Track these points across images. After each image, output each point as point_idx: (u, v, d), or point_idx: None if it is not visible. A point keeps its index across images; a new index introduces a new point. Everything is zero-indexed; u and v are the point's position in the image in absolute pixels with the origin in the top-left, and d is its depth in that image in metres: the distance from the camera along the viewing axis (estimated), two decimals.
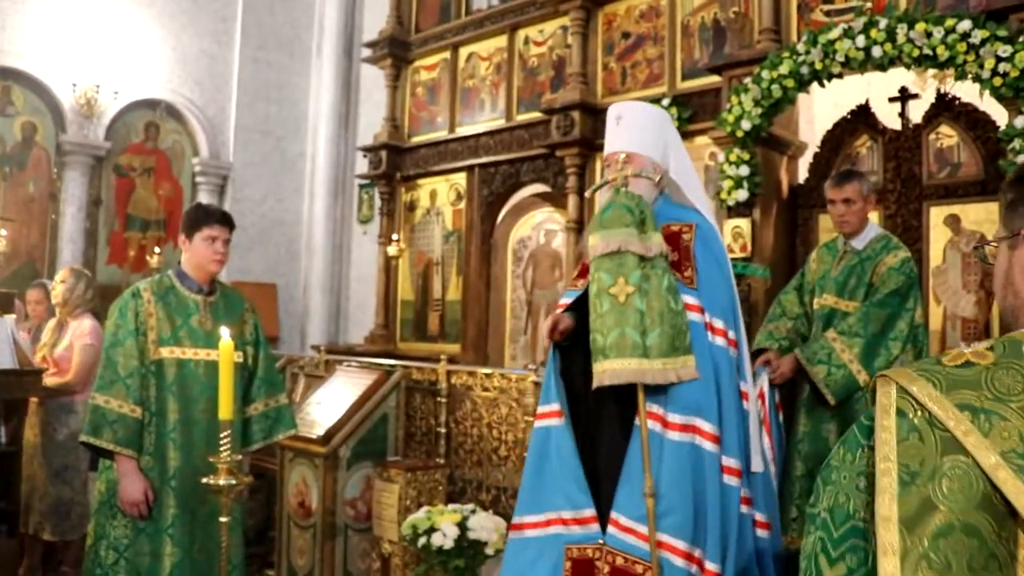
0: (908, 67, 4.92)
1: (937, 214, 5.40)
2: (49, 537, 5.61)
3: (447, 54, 8.61)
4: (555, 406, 3.13)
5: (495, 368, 6.42)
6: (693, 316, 2.91)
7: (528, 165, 7.76)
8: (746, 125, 5.48)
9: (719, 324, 2.97)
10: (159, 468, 3.61)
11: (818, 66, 5.17)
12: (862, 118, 5.65)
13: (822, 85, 5.32)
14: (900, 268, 3.99)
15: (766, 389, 3.80)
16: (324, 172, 10.48)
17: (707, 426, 2.84)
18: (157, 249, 9.48)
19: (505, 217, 8.44)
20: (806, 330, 4.33)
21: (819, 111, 6.06)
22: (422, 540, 4.25)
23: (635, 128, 3.19)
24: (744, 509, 2.94)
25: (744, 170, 5.52)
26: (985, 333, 5.22)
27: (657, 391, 2.83)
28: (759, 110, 5.43)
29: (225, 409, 3.06)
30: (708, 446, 2.83)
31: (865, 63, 5.03)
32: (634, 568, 2.82)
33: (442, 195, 8.53)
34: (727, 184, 5.59)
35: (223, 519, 3.13)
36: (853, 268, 4.12)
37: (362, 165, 9.74)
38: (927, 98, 5.50)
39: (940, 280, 5.39)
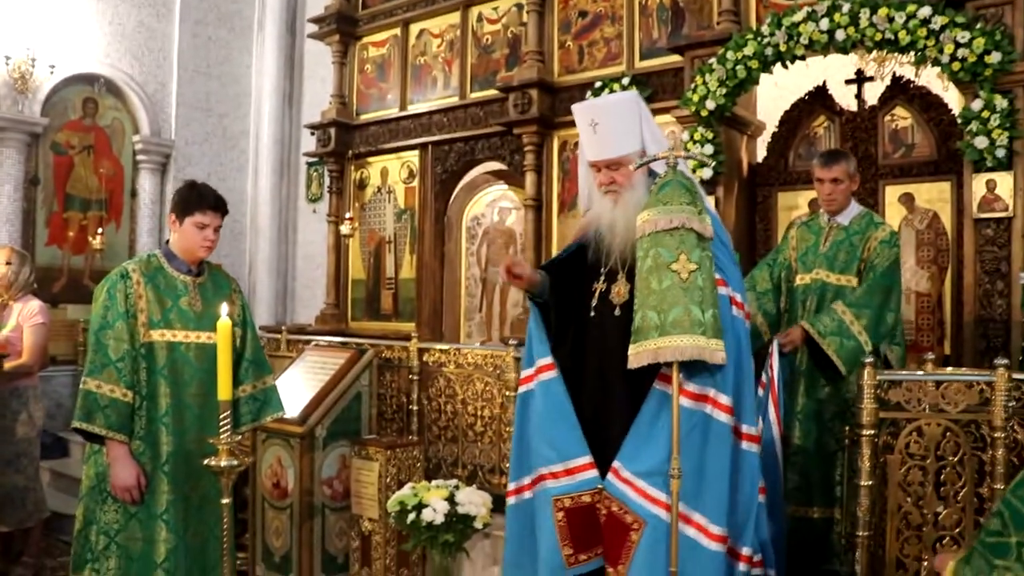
0: (870, 51, 5.08)
1: (892, 192, 5.60)
2: (6, 528, 5.51)
3: (397, 31, 8.54)
4: (545, 360, 3.25)
5: (467, 345, 6.47)
6: (720, 290, 2.97)
7: (483, 143, 7.77)
8: (711, 105, 5.59)
9: (739, 297, 3.07)
10: (151, 453, 3.58)
11: (782, 48, 5.30)
12: (819, 99, 5.82)
13: (785, 67, 5.45)
14: (890, 242, 4.23)
15: (776, 360, 3.97)
16: (268, 150, 10.32)
17: (723, 398, 2.91)
18: (100, 230, 9.23)
19: (458, 195, 8.45)
20: (771, 306, 4.50)
21: (761, 91, 6.18)
22: (411, 516, 4.29)
23: (614, 130, 3.15)
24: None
25: (708, 148, 5.63)
26: (938, 306, 5.44)
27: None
28: (723, 90, 5.54)
29: (224, 389, 3.05)
30: (722, 417, 2.90)
31: (828, 46, 5.17)
32: (624, 518, 2.94)
33: (394, 173, 8.50)
34: (691, 163, 5.68)
35: (225, 500, 3.13)
36: (841, 243, 4.31)
37: (308, 143, 9.62)
38: (879, 80, 5.69)
39: None
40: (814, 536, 4.20)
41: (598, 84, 6.65)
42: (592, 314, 3.23)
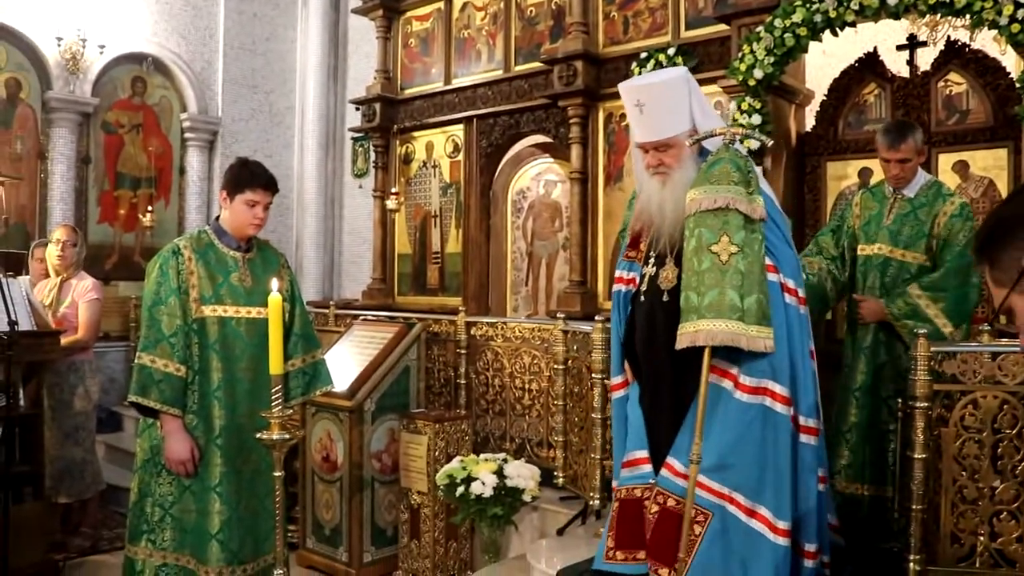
0: (923, 15, 4.94)
1: (945, 161, 5.47)
2: (65, 499, 5.65)
3: (440, 4, 8.50)
4: (616, 379, 3.34)
5: (514, 319, 6.46)
6: (770, 276, 2.90)
7: (528, 116, 7.72)
8: (758, 74, 5.49)
9: (791, 284, 2.99)
10: (204, 427, 3.64)
11: (832, 14, 5.18)
12: (869, 66, 5.69)
13: (835, 34, 5.34)
14: (962, 215, 4.08)
15: None
16: (314, 126, 10.36)
17: (779, 388, 2.85)
18: (149, 208, 9.36)
19: (504, 168, 8.42)
20: (839, 272, 4.42)
21: (809, 59, 6.06)
22: (460, 489, 4.31)
23: (661, 111, 3.06)
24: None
25: (756, 119, 5.54)
26: None
27: (732, 351, 2.82)
28: (771, 59, 5.44)
29: (275, 364, 3.08)
30: (780, 408, 2.85)
31: (879, 11, 5.04)
32: (685, 512, 2.89)
33: (439, 147, 8.49)
34: (747, 143, 5.61)
35: (277, 473, 3.16)
36: (906, 216, 4.18)
37: (353, 118, 9.64)
38: (932, 45, 5.55)
39: None
40: (864, 514, 4.15)
41: (643, 55, 6.57)
42: (641, 299, 3.19)
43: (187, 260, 3.66)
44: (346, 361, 5.24)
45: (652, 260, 3.17)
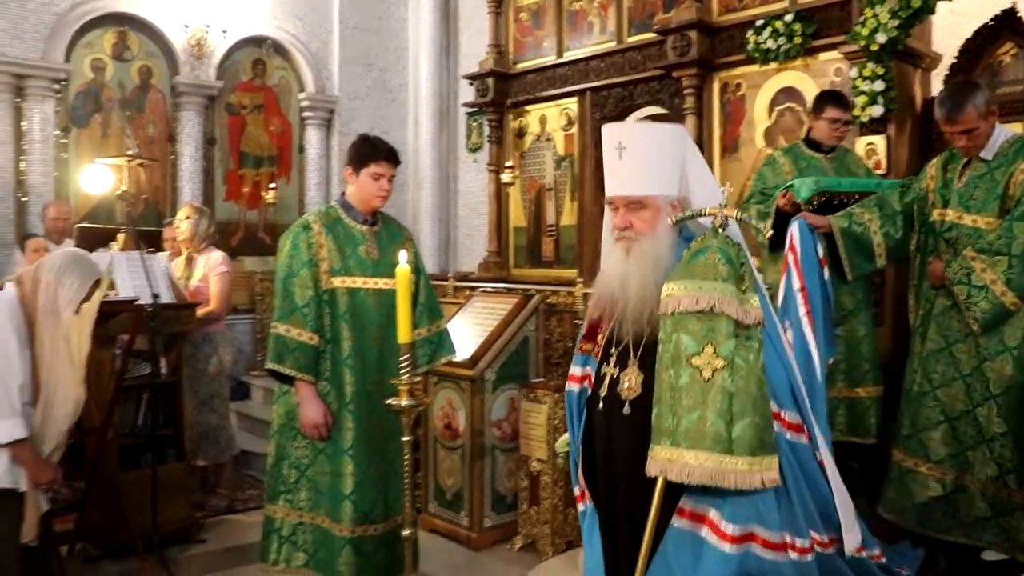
0: None
1: None
2: (202, 462, 5.96)
3: None
4: (578, 489, 2.86)
5: None
6: None
7: (642, 87, 7.69)
8: (881, 38, 5.35)
9: (788, 416, 2.49)
10: (336, 393, 3.80)
11: None
12: (1006, 24, 5.46)
13: None
14: None
15: (796, 238, 3.62)
16: (428, 102, 10.52)
17: (765, 533, 2.34)
18: (272, 185, 9.69)
19: None
20: (895, 230, 4.04)
21: (936, 19, 5.83)
22: None
23: (644, 161, 2.53)
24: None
25: (879, 85, 5.41)
26: None
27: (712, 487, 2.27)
28: (895, 22, 5.29)
29: (404, 333, 3.17)
30: (767, 555, 2.33)
31: None
32: None
33: (552, 120, 8.53)
34: (861, 100, 5.48)
35: (405, 438, 3.28)
36: (980, 178, 3.77)
37: (466, 94, 9.76)
38: None
39: None
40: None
41: (759, 22, 6.45)
42: (600, 405, 2.62)
43: (317, 234, 3.80)
44: (466, 332, 5.35)
45: (613, 358, 2.60)
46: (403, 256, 3.22)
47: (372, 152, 3.81)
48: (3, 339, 3.45)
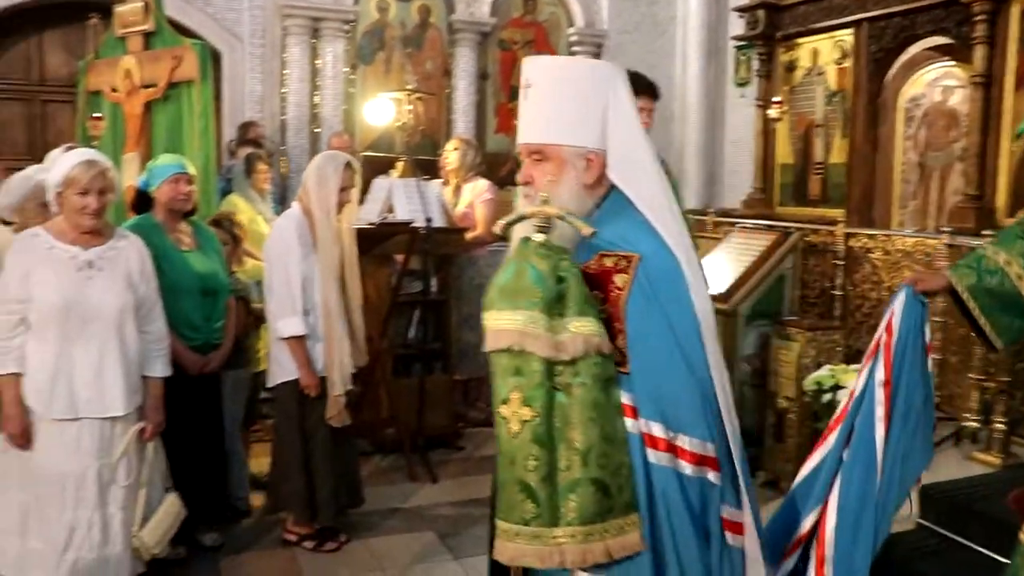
0: None
1: None
2: (461, 376, 6.39)
3: None
4: None
5: (896, 231, 6.19)
6: (627, 424, 1.93)
7: (924, 16, 7.17)
8: None
9: (658, 431, 1.94)
10: None
11: None
12: None
13: None
14: None
15: (897, 313, 2.66)
16: (696, 35, 10.36)
17: None
18: None
19: (895, 74, 7.93)
20: None
21: None
22: (826, 397, 4.33)
23: (552, 104, 2.07)
24: None
25: None
26: None
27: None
28: None
29: None
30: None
31: None
32: None
33: (824, 54, 8.17)
34: None
35: None
36: None
37: (736, 26, 9.52)
38: None
39: None
40: None
41: None
42: None
43: None
44: (722, 267, 5.38)
45: None
46: None
47: (631, 85, 3.89)
48: (288, 249, 4.00)
